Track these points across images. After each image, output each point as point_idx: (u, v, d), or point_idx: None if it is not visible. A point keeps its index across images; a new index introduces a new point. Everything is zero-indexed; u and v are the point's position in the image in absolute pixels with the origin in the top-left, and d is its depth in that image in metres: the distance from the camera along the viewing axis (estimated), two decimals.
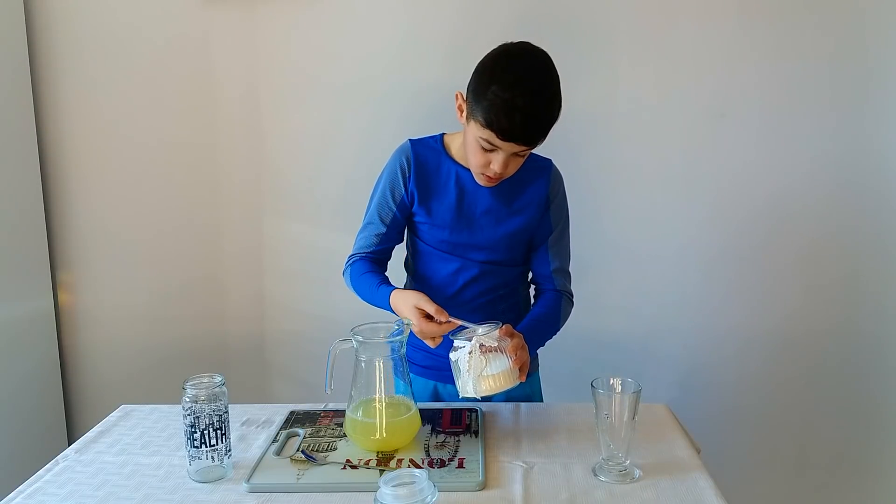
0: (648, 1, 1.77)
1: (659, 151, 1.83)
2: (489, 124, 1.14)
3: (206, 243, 1.96)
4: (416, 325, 1.16)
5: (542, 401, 1.45)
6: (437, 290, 1.35)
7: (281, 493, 1.05)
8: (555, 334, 1.34)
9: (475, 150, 1.21)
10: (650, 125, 1.82)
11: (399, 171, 1.32)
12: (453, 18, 1.81)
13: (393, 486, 0.91)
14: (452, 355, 1.14)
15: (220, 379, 1.11)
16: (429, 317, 1.15)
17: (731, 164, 1.82)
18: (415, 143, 1.34)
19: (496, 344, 1.11)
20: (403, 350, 1.17)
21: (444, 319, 1.14)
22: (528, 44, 1.20)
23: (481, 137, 1.17)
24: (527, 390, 1.41)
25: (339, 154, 1.89)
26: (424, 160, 1.32)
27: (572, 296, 1.38)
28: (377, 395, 1.16)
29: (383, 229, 1.34)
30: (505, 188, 1.30)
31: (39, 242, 1.92)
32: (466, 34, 1.80)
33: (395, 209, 1.33)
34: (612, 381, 1.08)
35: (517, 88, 1.12)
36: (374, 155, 1.37)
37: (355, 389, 1.18)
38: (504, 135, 1.14)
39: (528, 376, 1.38)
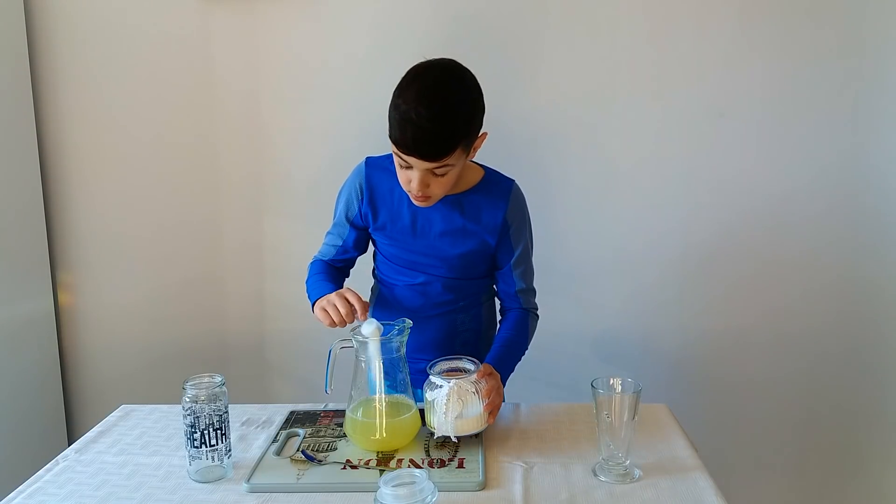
0: (648, 1, 1.77)
1: (658, 151, 1.83)
2: (391, 138, 1.17)
3: (207, 243, 1.96)
4: (340, 305, 1.18)
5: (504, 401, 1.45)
6: (399, 299, 1.37)
7: (281, 493, 1.05)
8: (524, 354, 1.35)
9: (397, 168, 1.23)
10: (649, 125, 1.82)
11: (353, 193, 1.34)
12: (455, 18, 1.81)
13: (393, 486, 0.91)
14: (429, 394, 1.15)
15: (220, 379, 1.11)
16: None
17: (730, 164, 1.82)
18: (369, 165, 1.34)
19: (472, 388, 1.13)
20: (403, 350, 1.17)
21: (362, 310, 1.18)
22: (445, 60, 1.20)
23: (394, 153, 1.19)
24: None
25: (339, 152, 1.88)
26: (376, 183, 1.32)
27: (537, 309, 1.39)
28: (377, 394, 1.16)
29: (339, 241, 1.39)
30: (461, 209, 1.30)
31: (39, 242, 1.92)
32: (466, 32, 1.81)
33: (349, 226, 1.37)
34: (612, 381, 1.09)
35: (413, 103, 1.12)
36: (374, 153, 1.37)
37: (355, 389, 1.18)
38: (400, 148, 1.16)
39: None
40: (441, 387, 1.13)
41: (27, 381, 1.89)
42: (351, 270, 1.45)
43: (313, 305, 1.27)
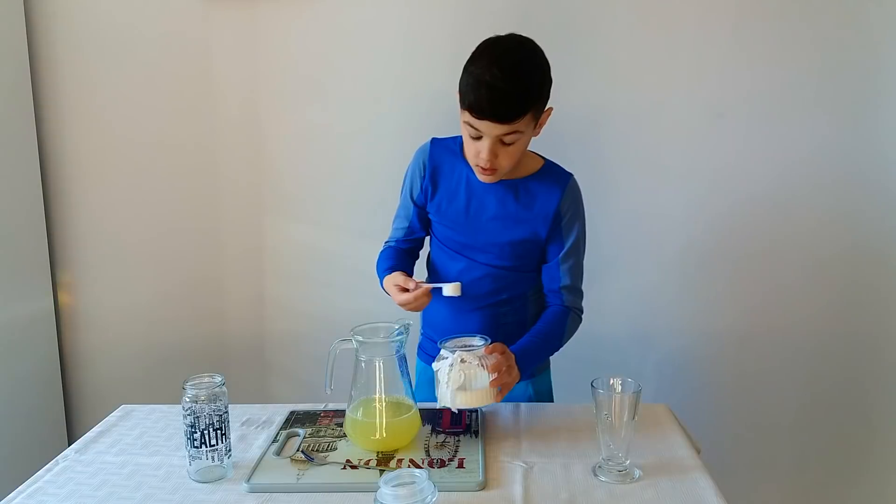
0: (648, 1, 1.77)
1: (657, 151, 1.83)
2: (464, 103, 1.19)
3: (207, 243, 1.96)
4: (395, 298, 1.26)
5: (552, 401, 1.45)
6: (444, 280, 1.36)
7: (281, 493, 1.05)
8: (557, 350, 1.34)
9: (465, 139, 1.25)
10: (648, 125, 1.82)
11: (417, 170, 1.37)
12: (455, 18, 1.81)
13: (393, 486, 0.91)
14: (435, 364, 1.16)
15: (220, 379, 1.11)
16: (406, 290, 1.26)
17: (730, 164, 1.82)
18: (434, 144, 1.37)
19: (477, 361, 1.13)
20: (403, 350, 1.17)
21: (412, 286, 1.24)
22: (515, 34, 1.24)
23: (465, 122, 1.21)
24: (530, 390, 1.42)
25: (339, 153, 1.89)
26: (440, 161, 1.35)
27: (581, 311, 1.37)
28: (377, 395, 1.16)
29: (406, 223, 1.41)
30: (515, 196, 1.31)
31: (39, 242, 1.92)
32: (467, 34, 1.80)
33: (414, 206, 1.39)
34: (612, 381, 1.09)
35: (488, 66, 1.16)
36: (374, 154, 1.38)
37: (355, 389, 1.18)
38: (474, 110, 1.17)
39: (536, 375, 1.41)
40: (446, 358, 1.14)
41: (27, 381, 1.89)
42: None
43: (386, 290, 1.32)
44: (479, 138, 1.21)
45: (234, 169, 1.93)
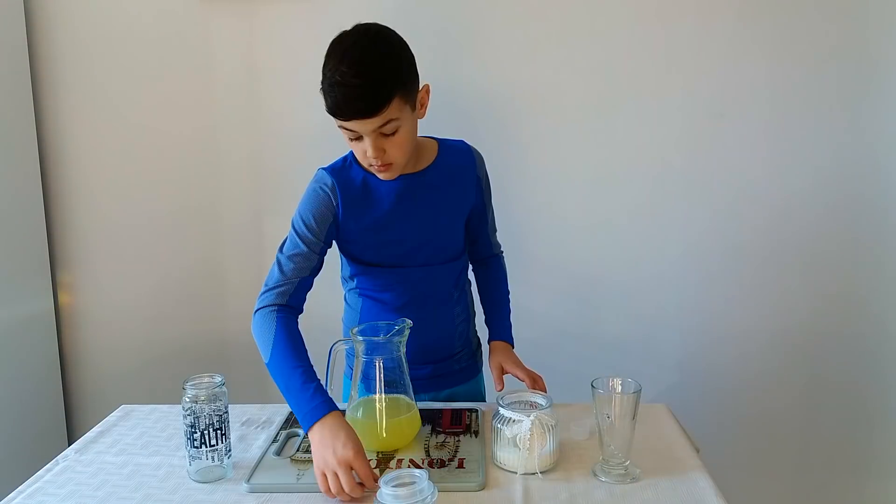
0: (648, 1, 1.77)
1: (657, 151, 1.83)
2: (328, 111, 1.14)
3: (207, 243, 1.96)
4: (344, 482, 1.00)
5: (484, 400, 1.44)
6: (388, 305, 1.32)
7: (281, 493, 1.05)
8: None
9: (350, 144, 1.19)
10: (649, 125, 1.82)
11: (326, 206, 1.24)
12: (453, 20, 1.81)
13: (393, 486, 0.91)
14: (507, 430, 1.08)
15: (220, 379, 1.11)
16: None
17: (730, 165, 1.82)
18: (333, 173, 1.26)
19: (554, 422, 1.09)
20: (403, 350, 1.17)
21: (371, 486, 1.01)
22: (360, 25, 1.19)
23: (338, 127, 1.16)
24: (473, 389, 1.43)
25: (339, 152, 1.88)
26: (347, 184, 1.25)
27: (500, 247, 1.46)
28: (377, 394, 1.16)
29: (315, 261, 1.26)
30: (435, 178, 1.27)
31: (39, 242, 1.92)
32: (466, 33, 1.81)
33: (322, 243, 1.26)
34: (612, 381, 1.08)
35: (336, 66, 1.11)
36: None
37: (355, 389, 1.18)
38: (338, 116, 1.13)
39: (473, 377, 1.43)
40: (521, 422, 1.07)
41: (27, 381, 1.88)
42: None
43: (304, 418, 1.09)
44: (359, 138, 1.14)
45: (234, 169, 1.93)
